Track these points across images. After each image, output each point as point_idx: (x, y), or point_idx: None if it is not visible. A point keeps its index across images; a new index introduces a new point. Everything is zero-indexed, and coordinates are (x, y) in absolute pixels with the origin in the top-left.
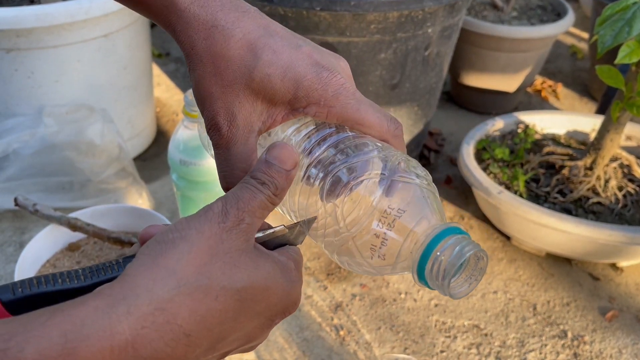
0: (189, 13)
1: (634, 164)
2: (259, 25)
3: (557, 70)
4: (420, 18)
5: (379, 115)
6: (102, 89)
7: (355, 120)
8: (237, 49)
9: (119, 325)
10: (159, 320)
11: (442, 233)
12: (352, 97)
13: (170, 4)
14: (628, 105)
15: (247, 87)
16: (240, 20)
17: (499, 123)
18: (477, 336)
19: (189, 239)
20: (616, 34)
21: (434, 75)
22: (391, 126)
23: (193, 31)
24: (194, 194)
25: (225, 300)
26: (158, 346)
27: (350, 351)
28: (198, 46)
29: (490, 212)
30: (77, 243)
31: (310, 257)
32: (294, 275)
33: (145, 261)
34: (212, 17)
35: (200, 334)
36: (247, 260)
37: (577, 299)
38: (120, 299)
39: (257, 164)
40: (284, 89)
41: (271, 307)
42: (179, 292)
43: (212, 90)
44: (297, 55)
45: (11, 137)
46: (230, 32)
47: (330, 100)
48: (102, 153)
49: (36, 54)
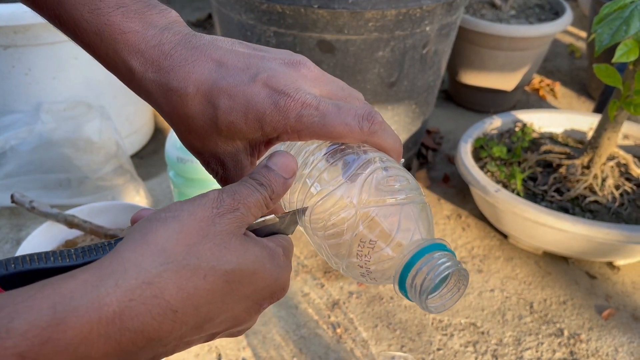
0: (145, 80)
1: (631, 162)
2: (211, 68)
3: (555, 69)
4: (418, 16)
5: (347, 121)
6: (100, 86)
7: (325, 136)
8: (195, 105)
9: (107, 298)
10: (146, 294)
11: (426, 248)
12: (316, 114)
13: (128, 70)
14: (625, 104)
15: (219, 135)
16: (191, 74)
17: (496, 121)
18: (474, 334)
19: (180, 219)
20: (614, 33)
21: (432, 74)
22: (364, 126)
23: (154, 97)
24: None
25: (213, 280)
26: (145, 319)
27: (347, 349)
28: (163, 110)
29: (487, 210)
30: (74, 240)
31: (307, 255)
32: (282, 261)
33: (135, 237)
34: (165, 81)
35: (186, 311)
36: (236, 244)
37: (574, 297)
38: (109, 273)
39: (257, 167)
40: (251, 129)
41: (258, 291)
42: (167, 268)
43: (193, 144)
44: (253, 90)
45: (8, 133)
46: (185, 91)
47: (295, 125)
48: (100, 150)
49: (33, 50)
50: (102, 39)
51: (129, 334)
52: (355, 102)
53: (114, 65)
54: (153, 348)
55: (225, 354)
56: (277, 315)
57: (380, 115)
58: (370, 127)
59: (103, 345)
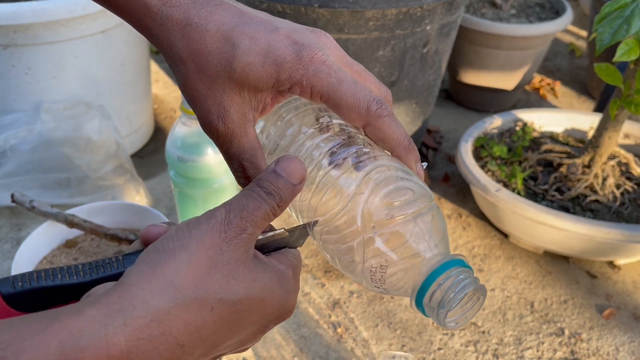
0: (162, 14)
1: (631, 162)
2: (234, 14)
3: (556, 68)
4: (418, 15)
5: (358, 96)
6: (100, 85)
7: (334, 102)
8: (214, 42)
9: (115, 337)
10: (154, 333)
11: (443, 266)
12: (334, 76)
13: (143, 6)
14: (626, 103)
15: (230, 79)
16: (214, 14)
17: (497, 121)
18: (475, 333)
19: (189, 249)
20: (615, 32)
21: (432, 73)
22: (372, 106)
23: (169, 32)
24: (191, 190)
25: (220, 312)
26: (152, 356)
27: (347, 348)
28: (176, 46)
29: (488, 209)
30: (74, 240)
31: (308, 255)
32: (291, 285)
33: (144, 270)
34: (185, 16)
35: (193, 344)
36: (245, 272)
37: (575, 296)
38: (117, 310)
39: (264, 172)
40: (267, 74)
41: (266, 317)
42: (176, 304)
43: (198, 88)
44: (275, 37)
45: (8, 133)
46: (205, 28)
47: (312, 79)
48: (100, 149)
49: (34, 50)
50: None
51: None
52: (370, 84)
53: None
54: None
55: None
56: None
57: (389, 107)
58: (377, 110)
59: None
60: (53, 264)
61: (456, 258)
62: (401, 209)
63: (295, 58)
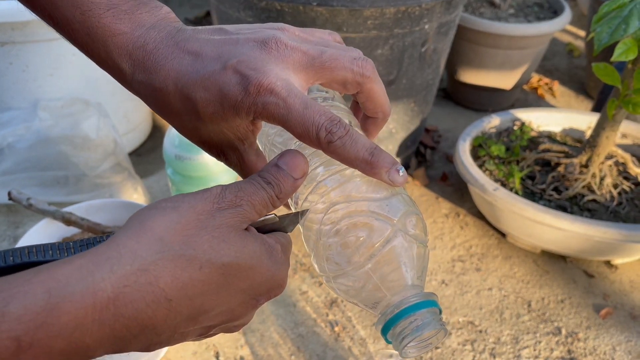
0: (135, 81)
1: (629, 161)
2: (187, 61)
3: (554, 68)
4: (417, 14)
5: (307, 125)
6: (98, 82)
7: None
8: (178, 101)
9: (101, 283)
10: (140, 281)
11: (424, 303)
12: (282, 105)
13: (120, 72)
14: (624, 103)
15: (207, 127)
16: (170, 72)
17: (495, 120)
18: (472, 333)
19: (179, 209)
20: (613, 32)
21: (430, 72)
22: (322, 134)
23: (145, 97)
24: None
25: (209, 272)
26: (139, 306)
27: (345, 347)
28: (155, 109)
29: (485, 209)
30: (71, 238)
31: (305, 253)
32: (280, 258)
33: (133, 224)
34: (150, 80)
35: (181, 301)
36: (235, 238)
37: (572, 296)
38: (104, 259)
39: (267, 165)
40: (229, 115)
41: (255, 286)
42: (163, 256)
43: (193, 137)
44: (224, 79)
45: (6, 130)
46: (166, 90)
47: (262, 112)
48: (98, 147)
49: (31, 47)
50: (94, 40)
51: (123, 320)
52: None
53: (106, 65)
54: (147, 336)
55: (223, 352)
56: (275, 313)
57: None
58: (326, 136)
59: (97, 330)
60: None
61: (429, 299)
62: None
63: (245, 95)
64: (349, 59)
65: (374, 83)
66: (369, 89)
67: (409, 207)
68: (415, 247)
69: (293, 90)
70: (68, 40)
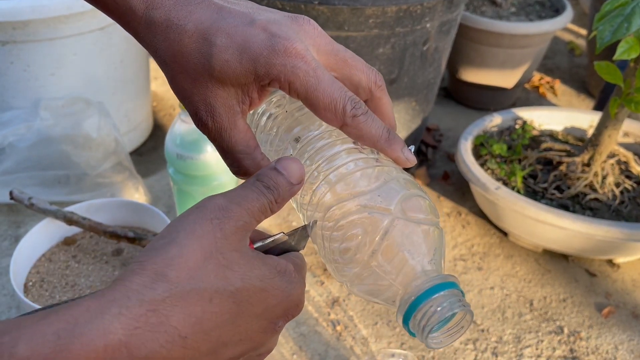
0: (146, 17)
1: (631, 160)
2: (212, 11)
3: (555, 67)
4: (418, 13)
5: (334, 97)
6: (99, 82)
7: (311, 102)
8: (192, 42)
9: (111, 325)
10: (152, 321)
11: (437, 287)
12: (312, 74)
13: (129, 10)
14: (626, 102)
15: (211, 76)
16: (193, 13)
17: (496, 119)
18: (474, 332)
19: (178, 242)
20: (615, 30)
21: (432, 71)
22: (348, 107)
23: (153, 35)
24: (190, 188)
25: (220, 302)
26: (153, 347)
27: (346, 346)
28: (160, 49)
29: (487, 208)
30: (73, 237)
31: (306, 252)
32: (294, 277)
33: (135, 268)
34: (166, 17)
35: (196, 337)
36: (241, 261)
37: (574, 295)
38: (112, 300)
39: (265, 169)
40: (245, 70)
41: (270, 309)
42: (171, 294)
43: (184, 87)
44: (251, 31)
45: (7, 130)
46: (183, 28)
47: (290, 75)
48: (99, 147)
49: (32, 46)
50: None
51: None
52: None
53: (114, 4)
54: None
55: None
56: None
57: (364, 104)
58: (352, 110)
59: None
60: (51, 262)
61: (448, 281)
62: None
63: (271, 52)
64: (366, 65)
65: (384, 94)
66: (378, 98)
67: (406, 190)
68: (420, 230)
69: (320, 64)
70: None
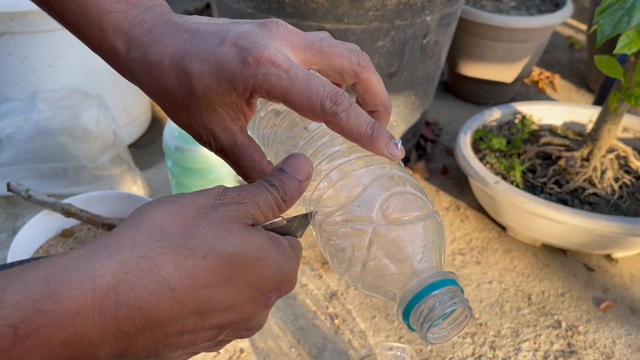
0: (128, 58)
1: (630, 155)
2: (185, 38)
3: (555, 62)
4: (418, 6)
5: (311, 96)
6: (97, 74)
7: (289, 104)
8: (172, 76)
9: (100, 269)
10: (141, 267)
11: (436, 284)
12: (285, 77)
13: (114, 52)
14: (626, 96)
15: (199, 105)
16: (167, 47)
17: (496, 113)
18: (472, 326)
19: (180, 203)
20: (616, 24)
21: (432, 64)
22: (327, 105)
23: (137, 74)
24: (189, 180)
25: (214, 261)
26: (141, 294)
27: (345, 340)
28: (146, 87)
29: (486, 202)
30: (70, 229)
31: (305, 246)
32: (289, 252)
33: (132, 216)
34: (144, 57)
35: (186, 291)
36: (240, 229)
37: (572, 289)
38: (104, 247)
39: (272, 170)
40: (225, 90)
41: (263, 280)
42: (163, 244)
43: (181, 118)
44: (222, 50)
45: (4, 121)
46: (161, 64)
47: (263, 83)
48: (97, 139)
49: (30, 37)
50: (88, 18)
51: (125, 310)
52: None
53: (99, 45)
54: (153, 333)
55: None
56: (275, 305)
57: (347, 97)
58: (331, 107)
59: (99, 320)
60: (49, 254)
61: (448, 278)
62: (404, 211)
63: (243, 67)
64: (346, 49)
65: (371, 73)
66: (365, 78)
67: (386, 191)
68: (404, 232)
69: (294, 63)
70: (59, 22)
